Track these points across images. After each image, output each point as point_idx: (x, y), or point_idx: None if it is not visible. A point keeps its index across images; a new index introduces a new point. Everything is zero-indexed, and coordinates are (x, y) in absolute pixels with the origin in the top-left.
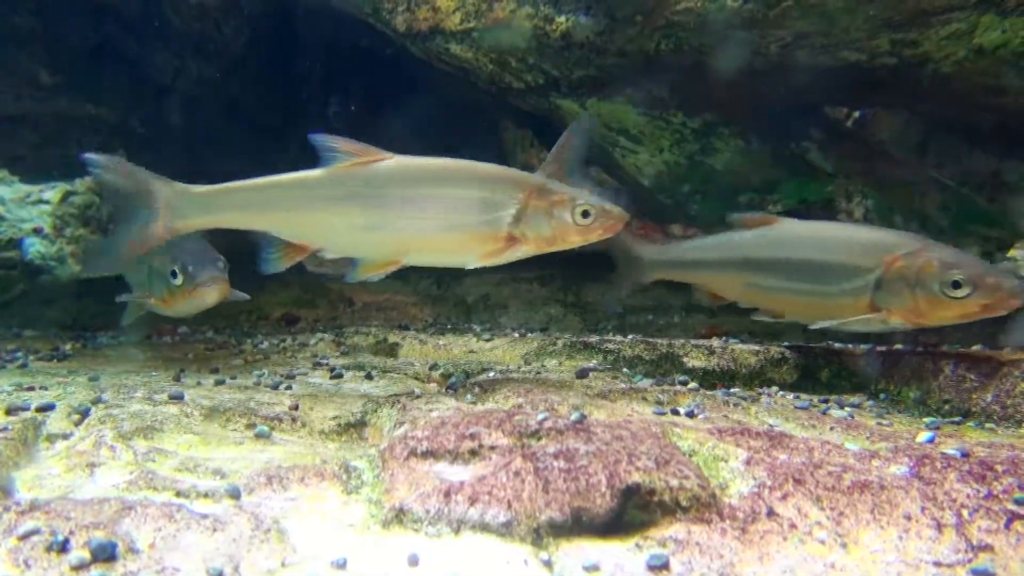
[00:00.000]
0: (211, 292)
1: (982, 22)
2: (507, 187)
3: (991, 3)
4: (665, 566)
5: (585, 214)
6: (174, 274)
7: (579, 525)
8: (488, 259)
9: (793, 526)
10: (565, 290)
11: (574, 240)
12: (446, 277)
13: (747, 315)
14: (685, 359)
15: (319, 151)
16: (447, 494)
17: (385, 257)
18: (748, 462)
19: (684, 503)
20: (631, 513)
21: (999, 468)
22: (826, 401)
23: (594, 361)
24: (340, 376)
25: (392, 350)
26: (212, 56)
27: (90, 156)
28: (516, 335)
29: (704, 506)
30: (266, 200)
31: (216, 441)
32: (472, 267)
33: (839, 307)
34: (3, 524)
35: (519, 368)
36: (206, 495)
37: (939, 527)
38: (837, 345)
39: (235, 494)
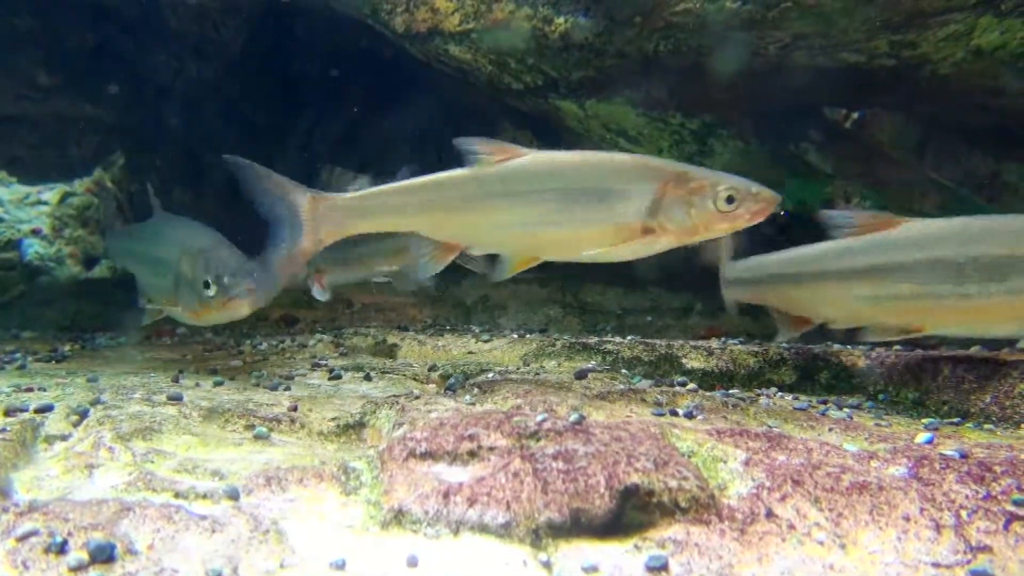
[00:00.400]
0: (244, 304)
1: (980, 23)
2: (641, 176)
3: (989, 4)
4: (664, 567)
5: (730, 199)
6: (207, 284)
7: (578, 526)
8: (625, 253)
9: (792, 527)
10: (564, 291)
11: (720, 228)
12: (445, 278)
13: (746, 316)
14: (684, 360)
15: (463, 154)
16: (446, 495)
17: (526, 253)
18: (747, 463)
19: (683, 504)
20: (630, 514)
21: (998, 469)
22: (825, 402)
23: (593, 362)
24: (339, 377)
25: (391, 351)
26: (211, 57)
27: (232, 158)
28: (515, 336)
29: (703, 507)
30: (413, 202)
31: (215, 442)
32: (610, 261)
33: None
34: (2, 525)
35: (518, 369)
36: (205, 496)
37: (938, 528)
38: (836, 346)
39: (234, 495)
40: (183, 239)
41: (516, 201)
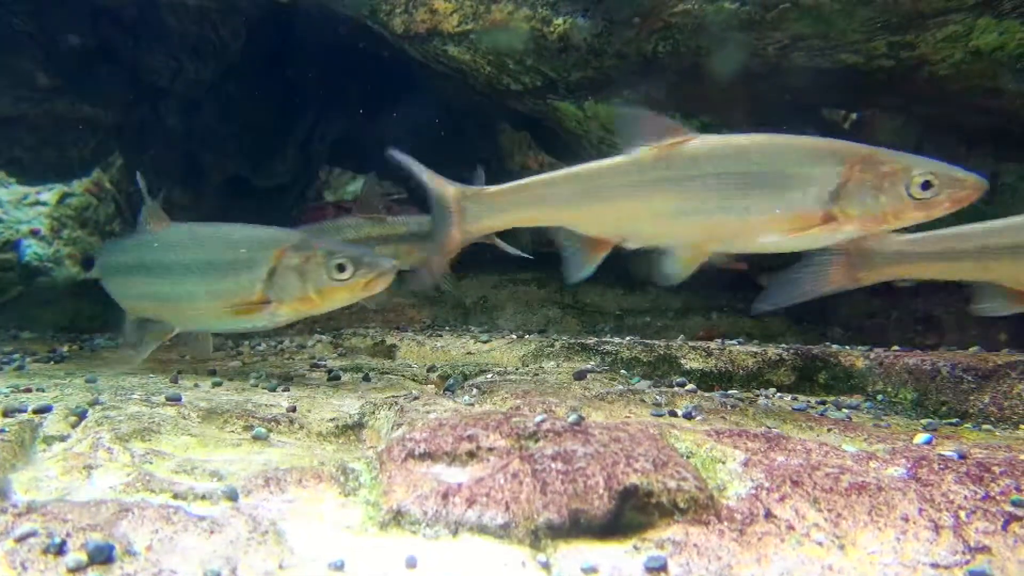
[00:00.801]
0: (385, 282)
1: (979, 25)
2: (823, 159)
3: (988, 6)
4: (663, 568)
5: (926, 185)
6: (341, 267)
7: (577, 527)
8: (805, 242)
9: (791, 528)
10: (563, 292)
11: (912, 217)
12: (444, 278)
13: (744, 316)
14: (683, 361)
15: (621, 128)
16: (445, 496)
17: (693, 245)
18: (746, 464)
19: (682, 505)
20: (629, 515)
21: (996, 470)
22: (823, 403)
23: (592, 363)
24: (338, 378)
25: (390, 352)
26: (209, 58)
27: (396, 154)
28: (514, 337)
29: (702, 508)
30: (564, 194)
31: (214, 443)
32: (785, 251)
33: None
34: (0, 526)
35: (517, 370)
36: (203, 497)
37: (936, 529)
38: (834, 347)
39: (233, 496)
40: (254, 236)
41: (684, 187)
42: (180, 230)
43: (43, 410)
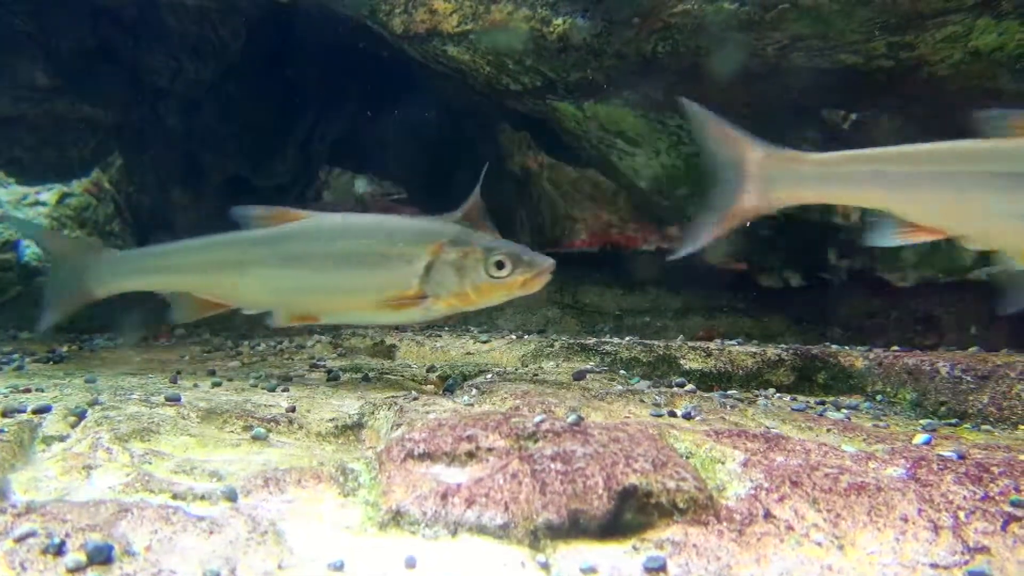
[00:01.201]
0: (545, 280)
1: (978, 25)
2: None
3: (987, 6)
4: (662, 568)
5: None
6: (500, 264)
7: (576, 527)
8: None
9: (790, 528)
10: (562, 292)
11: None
12: None
13: (744, 317)
14: (682, 361)
15: None
16: (444, 496)
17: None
18: (745, 464)
19: (681, 505)
20: (628, 515)
21: (995, 470)
22: (823, 403)
23: (591, 363)
24: (337, 378)
25: (389, 352)
26: (209, 58)
27: (688, 104)
28: (513, 337)
29: (701, 508)
30: (891, 173)
31: (213, 443)
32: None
33: None
34: None
35: (516, 370)
36: (203, 497)
37: (936, 529)
38: (834, 347)
39: (232, 496)
40: (411, 229)
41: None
42: (332, 220)
43: (42, 410)
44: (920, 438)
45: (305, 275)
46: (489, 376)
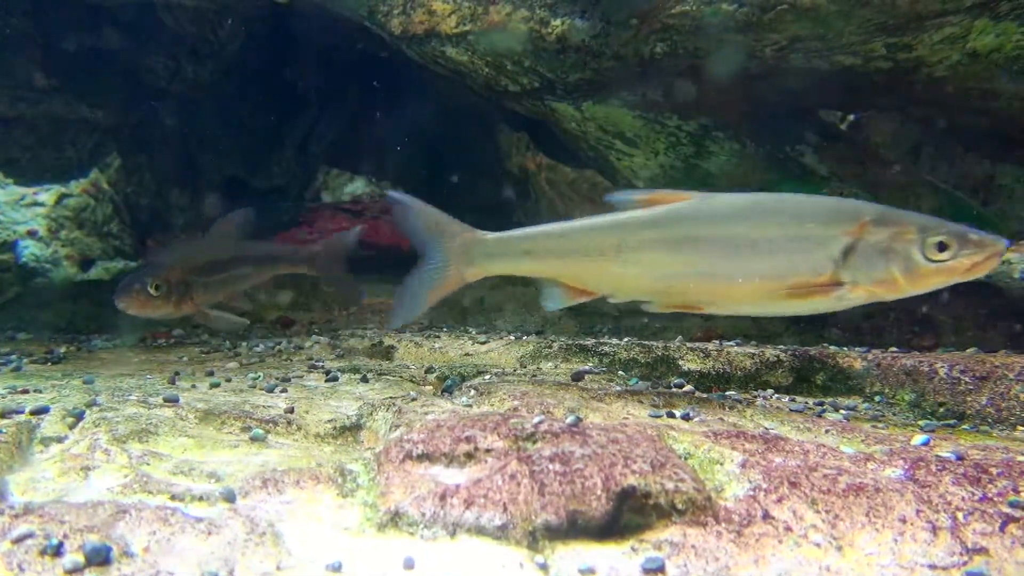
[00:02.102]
0: (991, 263)
1: (976, 26)
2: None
3: (985, 7)
4: (661, 569)
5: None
6: (942, 246)
7: (575, 528)
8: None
9: (788, 529)
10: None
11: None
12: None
13: (742, 318)
14: (680, 362)
15: None
16: (443, 497)
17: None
18: (743, 465)
19: (680, 506)
20: (627, 516)
21: (994, 471)
22: (821, 404)
23: (590, 364)
24: (335, 379)
25: (388, 353)
26: (207, 59)
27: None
28: (512, 338)
29: (700, 509)
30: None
31: (211, 444)
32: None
33: None
34: None
35: (515, 371)
36: (201, 498)
37: (934, 530)
38: (832, 348)
39: (230, 497)
40: (825, 207)
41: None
42: (725, 200)
43: (40, 411)
44: (918, 439)
45: (695, 261)
46: (487, 377)
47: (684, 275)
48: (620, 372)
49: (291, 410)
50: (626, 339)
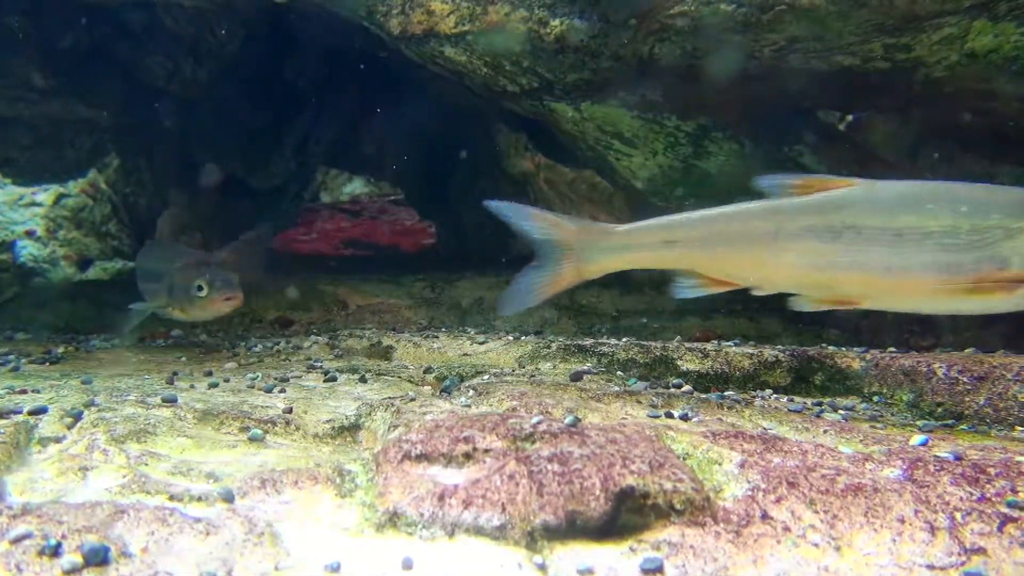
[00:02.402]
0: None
1: (974, 27)
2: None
3: (983, 8)
4: (659, 569)
5: None
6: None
7: (573, 528)
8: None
9: (787, 529)
10: (559, 293)
11: None
12: (440, 281)
13: (741, 318)
14: (679, 362)
15: None
16: (441, 497)
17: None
18: (742, 465)
19: (678, 506)
20: (625, 516)
21: (992, 471)
22: (820, 404)
23: (588, 364)
24: (334, 379)
25: (386, 353)
26: (206, 59)
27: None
28: (510, 338)
29: (698, 509)
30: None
31: (209, 444)
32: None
33: None
34: None
35: (513, 371)
36: (199, 499)
37: (932, 530)
38: (831, 348)
39: (228, 498)
40: (1010, 197)
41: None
42: (895, 188)
43: (39, 411)
44: (917, 439)
45: (860, 252)
46: (486, 377)
47: (846, 267)
48: (619, 372)
49: (289, 410)
50: (625, 339)
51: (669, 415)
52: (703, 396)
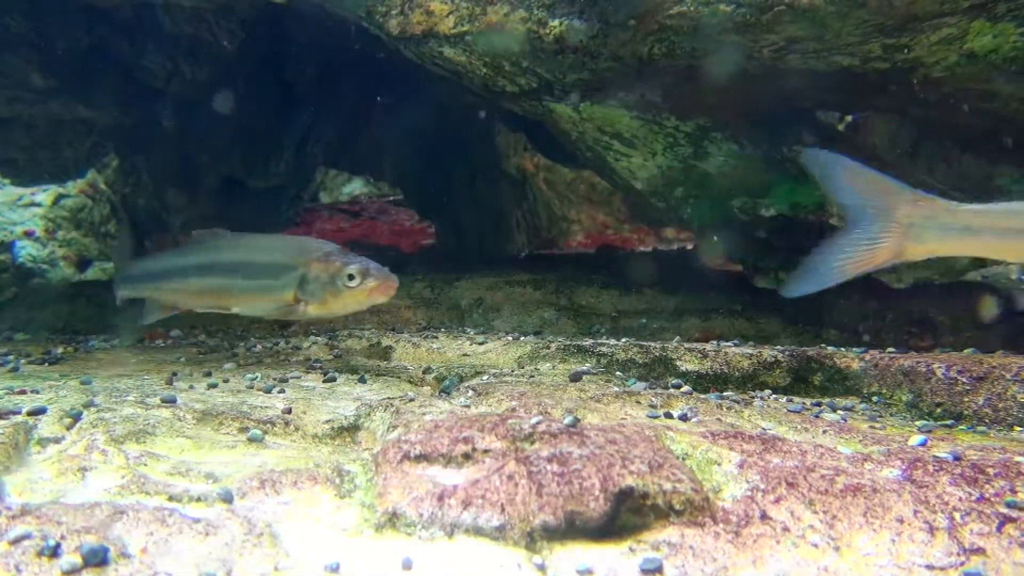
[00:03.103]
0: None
1: (973, 27)
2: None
3: (982, 8)
4: (658, 570)
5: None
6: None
7: (573, 529)
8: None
9: (786, 529)
10: (558, 293)
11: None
12: (439, 281)
13: (740, 318)
14: (678, 362)
15: None
16: (440, 498)
17: None
18: (741, 465)
19: (677, 507)
20: (624, 517)
21: (991, 471)
22: (819, 404)
23: (587, 364)
24: (333, 379)
25: (385, 353)
26: (205, 59)
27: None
28: (510, 338)
29: (697, 509)
30: None
31: (209, 445)
32: None
33: None
34: None
35: (513, 372)
36: (198, 499)
37: (931, 530)
38: (830, 348)
39: (228, 498)
40: None
41: None
42: None
43: (38, 412)
44: (916, 439)
45: None
46: (485, 378)
47: None
48: (618, 373)
49: (289, 411)
50: (624, 340)
51: (668, 415)
52: (702, 396)
